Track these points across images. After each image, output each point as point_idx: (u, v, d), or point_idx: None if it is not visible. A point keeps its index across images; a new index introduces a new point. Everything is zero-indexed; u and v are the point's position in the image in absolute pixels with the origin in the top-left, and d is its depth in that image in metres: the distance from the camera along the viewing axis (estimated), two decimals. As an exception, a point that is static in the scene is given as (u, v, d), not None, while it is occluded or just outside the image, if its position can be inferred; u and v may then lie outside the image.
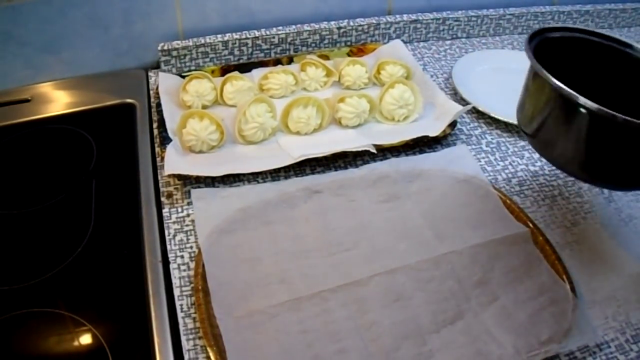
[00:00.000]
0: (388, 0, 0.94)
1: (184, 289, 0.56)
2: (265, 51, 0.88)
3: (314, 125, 0.73)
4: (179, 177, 0.67)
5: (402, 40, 0.92)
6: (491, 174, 0.72)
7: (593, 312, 0.56)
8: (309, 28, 0.88)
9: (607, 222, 0.66)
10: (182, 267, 0.58)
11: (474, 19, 0.97)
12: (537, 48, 0.57)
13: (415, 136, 0.72)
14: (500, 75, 0.89)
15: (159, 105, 0.75)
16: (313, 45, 0.90)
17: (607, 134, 0.51)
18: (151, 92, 0.81)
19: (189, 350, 0.51)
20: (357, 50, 0.90)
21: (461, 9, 0.97)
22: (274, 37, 0.87)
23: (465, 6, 0.98)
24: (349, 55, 0.89)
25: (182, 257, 0.59)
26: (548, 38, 0.59)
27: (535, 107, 0.57)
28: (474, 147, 0.75)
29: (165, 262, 0.59)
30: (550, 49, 0.58)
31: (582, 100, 0.49)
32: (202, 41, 0.83)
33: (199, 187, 0.66)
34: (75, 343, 0.52)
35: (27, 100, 0.78)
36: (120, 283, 0.57)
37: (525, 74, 0.58)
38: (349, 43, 0.92)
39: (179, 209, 0.64)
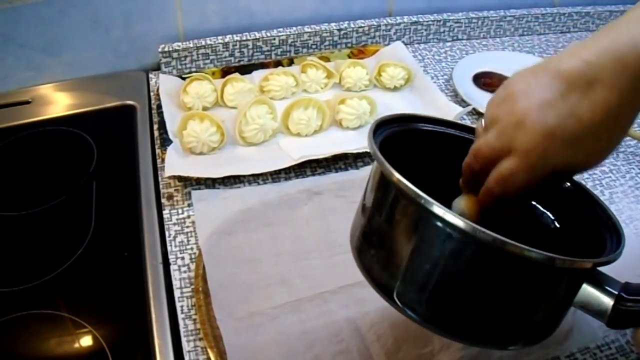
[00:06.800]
0: (388, 1, 0.94)
1: (184, 290, 0.56)
2: (266, 53, 0.88)
3: (314, 127, 0.73)
4: (180, 178, 0.67)
5: (403, 42, 0.92)
6: (492, 175, 0.71)
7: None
8: (309, 30, 0.88)
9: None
10: (183, 269, 0.58)
11: (474, 20, 0.97)
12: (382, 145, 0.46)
13: (415, 137, 0.72)
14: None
15: (159, 106, 0.75)
16: (313, 46, 0.90)
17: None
18: (152, 93, 0.81)
19: (189, 351, 0.51)
20: (358, 51, 0.90)
21: (462, 10, 0.97)
22: (274, 39, 0.87)
23: (466, 7, 0.98)
24: (349, 57, 0.89)
25: (182, 258, 0.59)
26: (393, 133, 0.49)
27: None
28: (474, 148, 0.75)
29: (166, 264, 0.59)
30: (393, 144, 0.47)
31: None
32: (203, 43, 0.83)
33: (199, 188, 0.66)
34: (76, 345, 0.52)
35: (27, 102, 0.78)
36: (121, 285, 0.57)
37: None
38: (349, 45, 0.92)
39: (180, 211, 0.64)
